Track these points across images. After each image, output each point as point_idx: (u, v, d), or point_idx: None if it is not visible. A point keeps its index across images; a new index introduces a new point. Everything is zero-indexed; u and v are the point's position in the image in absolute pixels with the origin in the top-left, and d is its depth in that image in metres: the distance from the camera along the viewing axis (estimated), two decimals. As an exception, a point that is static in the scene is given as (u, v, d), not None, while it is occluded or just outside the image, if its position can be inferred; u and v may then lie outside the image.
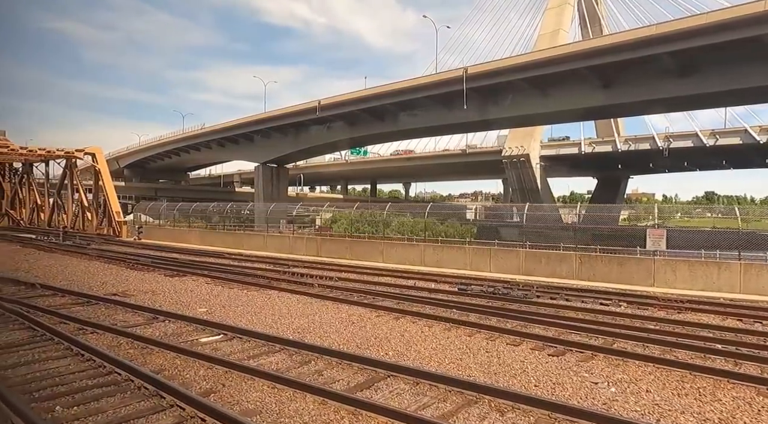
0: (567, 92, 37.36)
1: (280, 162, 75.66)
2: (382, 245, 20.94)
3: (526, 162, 70.54)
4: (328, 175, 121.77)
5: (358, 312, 10.67)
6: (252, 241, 26.44)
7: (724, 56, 29.00)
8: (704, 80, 31.37)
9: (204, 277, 16.07)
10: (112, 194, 36.43)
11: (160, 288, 13.88)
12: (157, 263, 19.23)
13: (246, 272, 17.08)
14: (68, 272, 17.17)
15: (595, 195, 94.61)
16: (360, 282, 15.13)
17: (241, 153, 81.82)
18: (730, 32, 27.48)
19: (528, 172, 71.60)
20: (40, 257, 21.56)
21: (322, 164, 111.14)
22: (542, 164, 73.14)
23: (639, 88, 34.09)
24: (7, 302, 11.05)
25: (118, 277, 16.07)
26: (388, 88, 49.26)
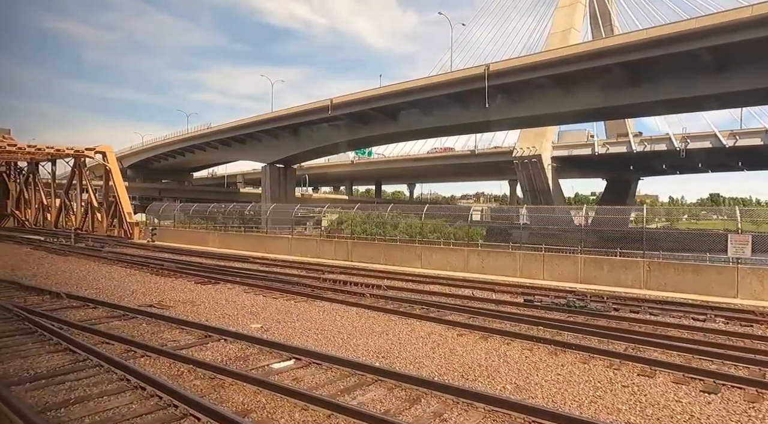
0: (593, 90, 36.16)
1: (287, 162, 74.48)
2: (420, 249, 19.69)
3: (538, 163, 69.48)
4: (332, 175, 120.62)
5: (435, 330, 9.43)
6: (275, 244, 25.19)
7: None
8: (737, 77, 30.25)
9: (239, 284, 14.82)
10: (123, 195, 35.18)
11: (198, 298, 12.63)
12: (183, 269, 17.99)
13: (281, 278, 15.83)
14: (90, 278, 15.92)
15: (604, 197, 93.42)
16: (411, 291, 13.90)
17: (248, 153, 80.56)
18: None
19: (540, 173, 70.50)
20: (55, 261, 20.30)
21: (327, 165, 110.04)
22: (554, 165, 72.06)
23: (672, 86, 32.88)
24: (35, 315, 9.81)
25: (146, 284, 14.81)
26: (404, 87, 48.05)
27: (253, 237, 27.19)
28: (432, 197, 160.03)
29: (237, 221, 35.54)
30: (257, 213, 37.90)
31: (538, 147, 68.94)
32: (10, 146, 35.34)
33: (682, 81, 32.09)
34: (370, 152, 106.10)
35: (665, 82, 32.81)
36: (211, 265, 19.50)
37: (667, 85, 32.99)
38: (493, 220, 53.37)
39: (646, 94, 34.17)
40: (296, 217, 44.59)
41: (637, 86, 34.16)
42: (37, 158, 41.63)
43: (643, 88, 34.15)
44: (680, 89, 32.54)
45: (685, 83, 32.04)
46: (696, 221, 79.10)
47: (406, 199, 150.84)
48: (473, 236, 28.36)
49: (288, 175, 77.54)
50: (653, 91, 33.83)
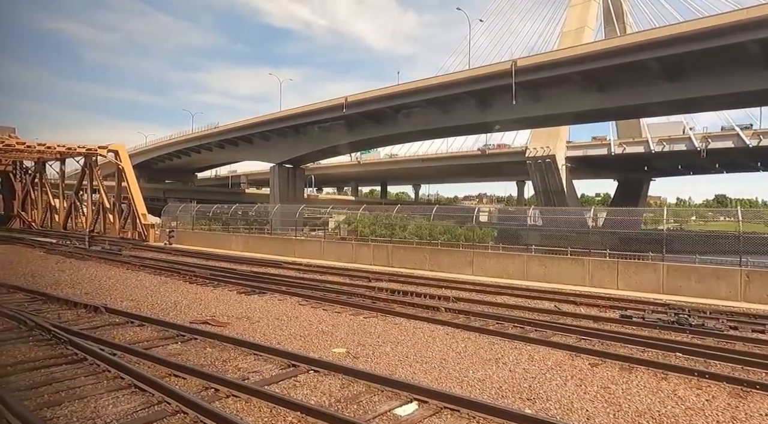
0: (628, 86, 34.74)
1: (296, 162, 73.14)
2: (471, 254, 18.21)
3: (552, 163, 68.16)
4: (338, 176, 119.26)
5: (557, 357, 7.94)
6: (306, 248, 23.71)
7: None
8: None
9: (288, 295, 13.35)
10: (137, 195, 33.69)
11: (251, 312, 11.16)
12: (218, 276, 16.51)
13: (330, 287, 14.36)
14: (121, 286, 14.44)
15: (616, 198, 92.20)
16: (485, 304, 12.43)
17: (256, 153, 79.11)
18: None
19: (553, 173, 69.21)
20: (76, 267, 18.81)
21: (333, 165, 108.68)
22: (568, 165, 70.71)
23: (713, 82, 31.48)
24: (77, 336, 8.32)
25: (185, 294, 13.33)
26: (422, 84, 46.73)
27: (281, 240, 25.69)
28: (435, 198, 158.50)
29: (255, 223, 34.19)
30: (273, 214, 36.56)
31: (552, 147, 67.68)
32: (18, 144, 33.81)
33: (724, 76, 30.70)
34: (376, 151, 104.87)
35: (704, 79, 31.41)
36: (246, 271, 18.01)
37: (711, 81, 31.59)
38: (501, 221, 52.03)
39: (686, 89, 32.76)
40: (304, 217, 43.24)
41: (675, 81, 32.76)
42: (46, 157, 40.12)
43: (680, 84, 32.77)
44: (725, 84, 31.10)
45: (729, 78, 30.65)
46: (704, 222, 77.88)
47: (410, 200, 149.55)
48: (484, 238, 27.13)
49: (297, 175, 76.18)
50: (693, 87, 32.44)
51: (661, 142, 65.48)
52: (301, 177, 78.16)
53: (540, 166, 69.25)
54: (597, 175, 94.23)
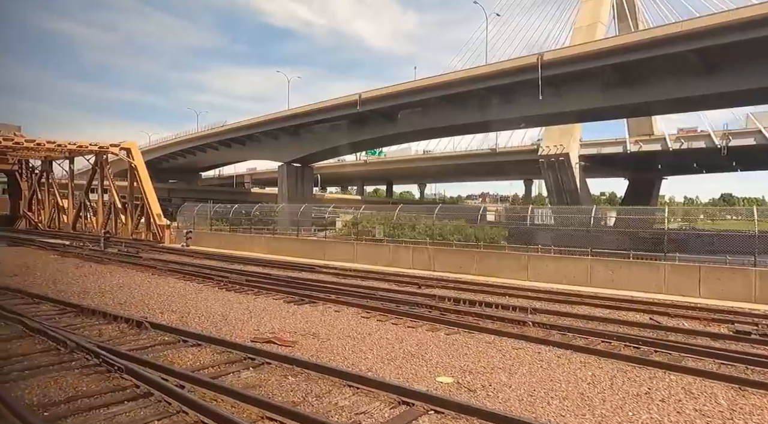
0: (662, 80, 33.36)
1: (305, 161, 71.82)
2: (526, 258, 16.85)
3: (566, 162, 66.92)
4: (344, 175, 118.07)
5: (711, 390, 6.60)
6: (337, 250, 22.35)
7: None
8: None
9: (342, 305, 12.00)
10: (151, 194, 32.35)
11: (313, 327, 9.80)
12: (254, 282, 15.16)
13: (383, 296, 13.00)
14: (155, 295, 13.08)
15: (627, 197, 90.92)
16: (569, 316, 11.07)
17: (263, 152, 77.73)
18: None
19: (567, 172, 67.96)
20: (97, 271, 17.45)
21: (339, 164, 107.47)
22: (582, 164, 69.45)
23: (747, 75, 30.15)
24: (131, 361, 6.98)
25: (228, 304, 11.98)
26: (440, 80, 45.44)
27: (308, 242, 24.30)
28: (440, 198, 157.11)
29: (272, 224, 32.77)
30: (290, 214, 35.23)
31: (566, 145, 66.46)
32: (27, 142, 32.44)
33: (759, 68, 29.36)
34: (381, 152, 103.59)
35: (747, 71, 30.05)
36: (283, 277, 16.65)
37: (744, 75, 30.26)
38: (509, 220, 50.69)
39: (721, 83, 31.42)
40: (312, 217, 41.80)
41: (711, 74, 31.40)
42: (54, 155, 38.80)
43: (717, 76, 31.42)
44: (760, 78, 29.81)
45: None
46: (712, 221, 76.51)
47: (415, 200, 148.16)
48: (495, 238, 26.07)
49: (305, 174, 74.81)
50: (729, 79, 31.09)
51: (679, 140, 64.22)
52: (310, 176, 76.75)
53: (553, 165, 68.01)
54: (609, 174, 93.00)
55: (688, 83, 32.32)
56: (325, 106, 58.32)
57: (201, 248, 27.02)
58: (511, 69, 39.04)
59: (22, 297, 12.36)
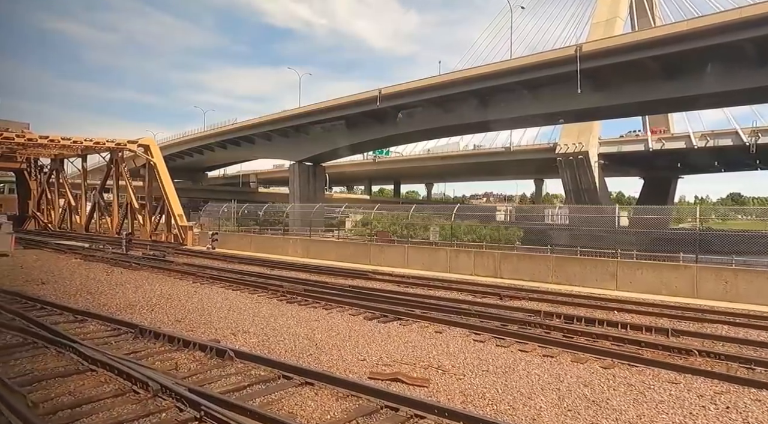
0: (709, 72, 31.54)
1: (316, 160, 70.11)
2: (615, 264, 15.06)
3: (585, 160, 65.31)
4: (351, 175, 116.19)
5: None
6: (384, 254, 20.53)
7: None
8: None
9: (440, 323, 10.18)
10: (172, 194, 30.58)
11: (431, 357, 8.00)
12: (314, 292, 13.38)
13: (478, 311, 11.22)
14: (213, 309, 11.29)
15: (643, 196, 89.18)
16: (724, 340, 9.29)
17: (273, 151, 75.87)
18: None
19: (586, 171, 66.40)
20: (133, 279, 15.64)
21: (347, 164, 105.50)
22: (601, 162, 67.80)
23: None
24: (241, 413, 5.22)
25: (304, 322, 10.19)
26: (466, 75, 43.69)
27: (352, 245, 22.46)
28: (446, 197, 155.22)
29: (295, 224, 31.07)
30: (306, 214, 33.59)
31: (585, 143, 64.92)
32: (41, 139, 30.61)
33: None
34: (388, 151, 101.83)
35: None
36: (343, 286, 14.84)
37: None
38: (519, 220, 49.16)
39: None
40: (325, 217, 40.11)
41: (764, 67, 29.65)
42: (66, 153, 37.01)
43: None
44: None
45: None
46: (722, 221, 75.00)
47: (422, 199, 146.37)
48: (510, 238, 24.96)
49: (317, 173, 73.04)
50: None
51: (705, 137, 62.40)
52: (322, 176, 74.90)
53: (571, 164, 66.48)
54: (624, 173, 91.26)
55: (740, 75, 30.54)
56: (342, 103, 56.58)
57: (229, 251, 25.23)
58: (546, 61, 37.24)
59: (61, 312, 10.60)
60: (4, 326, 9.18)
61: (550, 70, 37.25)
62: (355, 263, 20.58)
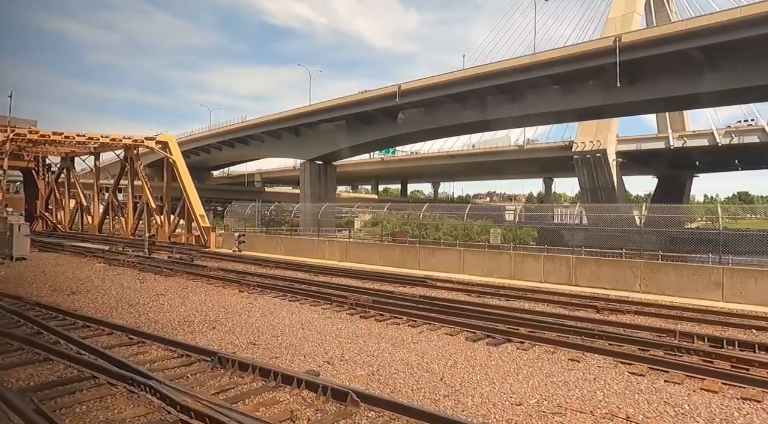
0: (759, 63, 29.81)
1: (328, 159, 68.45)
2: (720, 272, 13.37)
3: (602, 158, 63.76)
4: (358, 174, 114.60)
5: None
6: (436, 258, 18.85)
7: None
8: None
9: (560, 346, 8.57)
10: (193, 193, 28.96)
11: (594, 399, 6.38)
12: (384, 304, 11.73)
13: (579, 328, 9.62)
14: (283, 326, 9.63)
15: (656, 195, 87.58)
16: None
17: (283, 149, 74.09)
18: None
19: (603, 169, 64.85)
20: (171, 288, 13.96)
21: (355, 163, 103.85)
22: (619, 160, 66.24)
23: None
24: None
25: (407, 346, 8.53)
26: (492, 68, 41.91)
27: (399, 248, 20.67)
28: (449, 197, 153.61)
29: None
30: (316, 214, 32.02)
31: (603, 141, 63.43)
32: (55, 135, 28.90)
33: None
34: (394, 150, 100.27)
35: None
36: (410, 296, 13.17)
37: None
38: (528, 219, 47.61)
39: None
40: (336, 217, 38.49)
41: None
42: (78, 151, 35.35)
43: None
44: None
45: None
46: (732, 220, 73.36)
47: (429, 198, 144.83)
48: (525, 238, 24.26)
49: (328, 172, 71.28)
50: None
51: (729, 134, 60.70)
52: (333, 175, 73.14)
53: (588, 162, 64.96)
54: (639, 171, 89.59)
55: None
56: (356, 100, 54.93)
57: (258, 254, 23.59)
58: (581, 53, 35.47)
59: (111, 333, 8.94)
60: (51, 351, 7.54)
61: (584, 63, 35.52)
62: (402, 268, 18.95)
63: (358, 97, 54.62)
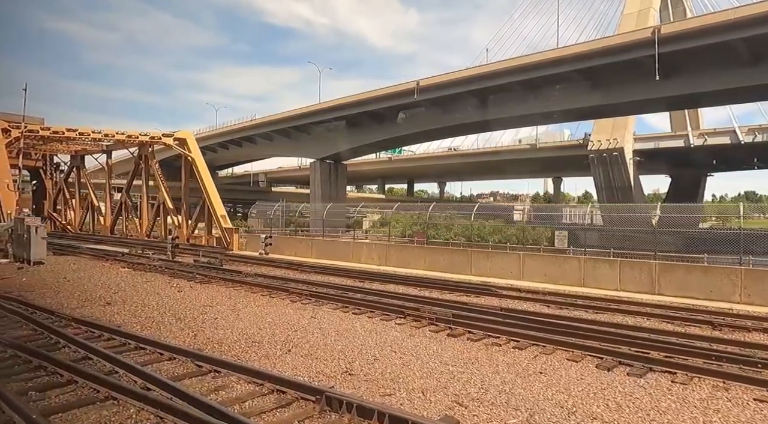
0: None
1: (338, 158, 67.04)
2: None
3: (619, 156, 62.26)
4: (364, 173, 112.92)
5: None
6: (495, 262, 17.31)
7: None
8: None
9: (752, 385, 7.10)
10: (213, 193, 27.48)
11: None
12: (465, 318, 10.23)
13: (727, 353, 8.16)
14: (375, 352, 8.13)
15: (670, 195, 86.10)
16: None
17: (293, 148, 72.60)
18: None
19: (620, 168, 63.29)
20: (218, 299, 12.42)
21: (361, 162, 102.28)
22: (636, 159, 64.75)
23: None
24: None
25: (537, 379, 7.07)
26: (518, 63, 40.37)
27: (448, 251, 19.09)
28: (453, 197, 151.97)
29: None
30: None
31: (620, 139, 61.92)
32: (69, 132, 27.35)
33: None
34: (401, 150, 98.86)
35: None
36: (489, 308, 11.69)
37: None
38: (542, 220, 45.99)
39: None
40: (348, 217, 37.04)
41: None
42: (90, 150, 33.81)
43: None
44: None
45: None
46: (743, 220, 71.99)
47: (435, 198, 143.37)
48: (538, 239, 23.44)
49: (339, 172, 69.84)
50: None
51: (752, 132, 59.19)
52: (344, 174, 71.64)
53: (604, 160, 63.52)
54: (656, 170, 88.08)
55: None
56: (371, 97, 53.44)
57: (288, 257, 22.07)
58: (615, 46, 33.95)
59: (172, 358, 7.42)
60: (112, 386, 6.01)
61: (616, 56, 34.02)
62: (451, 273, 17.45)
63: (372, 94, 53.16)
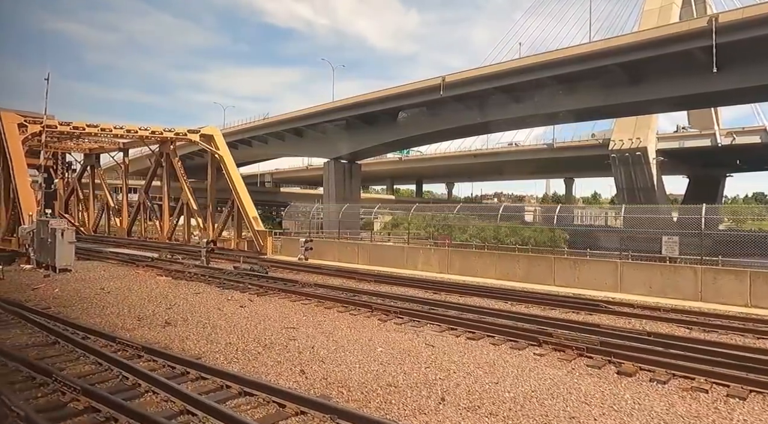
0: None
1: (353, 158, 65.21)
2: None
3: (642, 156, 60.46)
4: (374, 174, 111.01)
5: None
6: (583, 270, 15.33)
7: None
8: None
9: None
10: (244, 193, 25.53)
11: None
12: (613, 347, 8.31)
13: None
14: (549, 401, 6.24)
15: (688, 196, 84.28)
16: None
17: (305, 147, 70.70)
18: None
19: (642, 168, 61.50)
20: (296, 318, 10.50)
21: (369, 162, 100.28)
22: (659, 159, 62.87)
23: None
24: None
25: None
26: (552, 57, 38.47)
27: (525, 258, 16.88)
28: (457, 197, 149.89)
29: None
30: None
31: (643, 138, 60.14)
32: (90, 127, 25.37)
33: None
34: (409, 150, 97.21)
35: None
36: (631, 332, 9.77)
37: None
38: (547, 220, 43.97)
39: None
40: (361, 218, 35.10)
41: None
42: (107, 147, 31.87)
43: None
44: None
45: None
46: (756, 221, 70.50)
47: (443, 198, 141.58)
48: (556, 241, 22.90)
49: (354, 172, 67.96)
50: None
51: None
52: (358, 174, 69.72)
53: (626, 161, 61.76)
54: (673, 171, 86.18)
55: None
56: (393, 94, 51.51)
57: (332, 263, 20.12)
58: (664, 38, 31.97)
59: (300, 412, 5.48)
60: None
61: (666, 48, 32.06)
62: (530, 283, 15.50)
63: (392, 91, 51.26)
